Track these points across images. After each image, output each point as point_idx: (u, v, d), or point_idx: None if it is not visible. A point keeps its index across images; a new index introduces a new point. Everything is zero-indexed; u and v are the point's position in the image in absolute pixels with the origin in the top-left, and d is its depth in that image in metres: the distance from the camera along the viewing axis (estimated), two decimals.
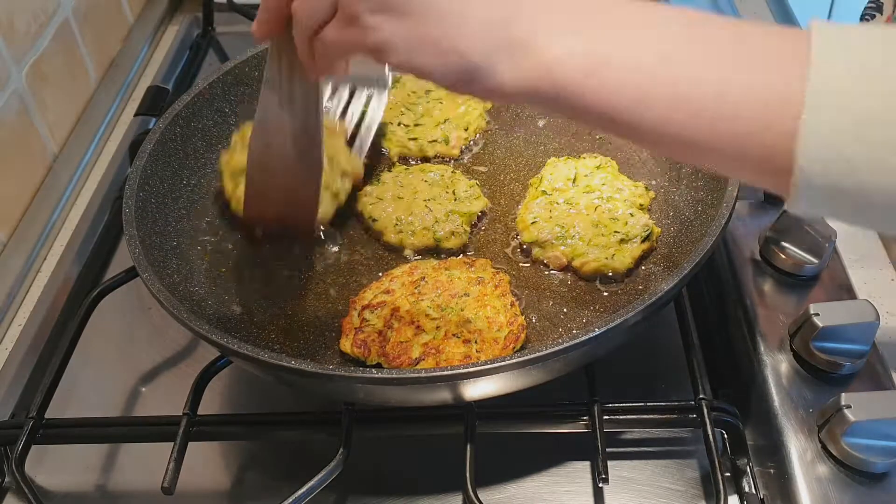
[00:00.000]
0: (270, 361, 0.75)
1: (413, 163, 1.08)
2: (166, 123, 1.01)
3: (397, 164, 1.07)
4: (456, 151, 1.08)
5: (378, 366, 0.84)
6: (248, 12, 1.45)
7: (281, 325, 0.91)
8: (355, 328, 0.86)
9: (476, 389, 0.76)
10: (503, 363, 0.72)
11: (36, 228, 1.16)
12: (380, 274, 0.95)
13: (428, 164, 1.07)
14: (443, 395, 0.77)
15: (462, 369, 0.72)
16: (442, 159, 1.08)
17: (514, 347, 0.83)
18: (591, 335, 0.73)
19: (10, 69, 1.15)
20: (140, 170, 0.95)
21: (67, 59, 1.30)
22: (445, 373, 0.73)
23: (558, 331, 0.88)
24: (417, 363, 0.82)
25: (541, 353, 0.72)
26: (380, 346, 0.84)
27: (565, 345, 0.73)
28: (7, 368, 0.98)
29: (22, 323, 1.05)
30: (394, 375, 0.74)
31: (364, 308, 0.88)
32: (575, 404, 0.84)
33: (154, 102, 1.32)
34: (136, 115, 1.32)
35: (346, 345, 0.86)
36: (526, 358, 0.72)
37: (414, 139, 1.09)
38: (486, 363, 0.72)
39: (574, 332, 0.82)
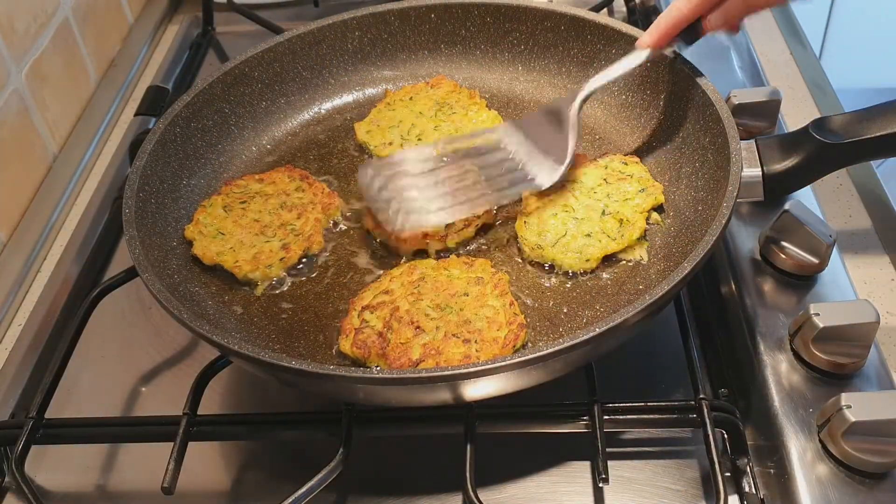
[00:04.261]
0: (270, 361, 0.75)
1: None
2: (166, 124, 1.00)
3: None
4: None
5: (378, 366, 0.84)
6: (248, 12, 1.45)
7: (281, 325, 0.91)
8: (355, 329, 0.86)
9: (476, 390, 0.76)
10: (503, 363, 0.72)
11: (36, 228, 1.16)
12: (380, 273, 0.95)
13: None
14: (443, 396, 0.77)
15: (462, 369, 0.72)
16: None
17: (513, 347, 0.83)
18: (591, 335, 0.73)
19: (10, 69, 1.15)
20: (140, 170, 0.95)
21: (67, 59, 1.30)
22: (445, 373, 0.73)
23: (558, 331, 0.88)
24: (417, 365, 0.82)
25: (541, 353, 0.72)
26: (380, 348, 0.84)
27: (565, 344, 0.73)
28: (7, 368, 0.98)
29: (22, 323, 1.05)
30: (394, 376, 0.74)
31: (364, 309, 0.88)
32: (575, 404, 0.84)
33: (154, 102, 1.32)
34: (135, 114, 1.32)
35: (345, 345, 0.86)
36: (526, 358, 0.72)
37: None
38: (485, 363, 0.72)
39: (574, 332, 0.82)
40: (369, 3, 1.17)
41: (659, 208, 0.98)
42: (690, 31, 0.94)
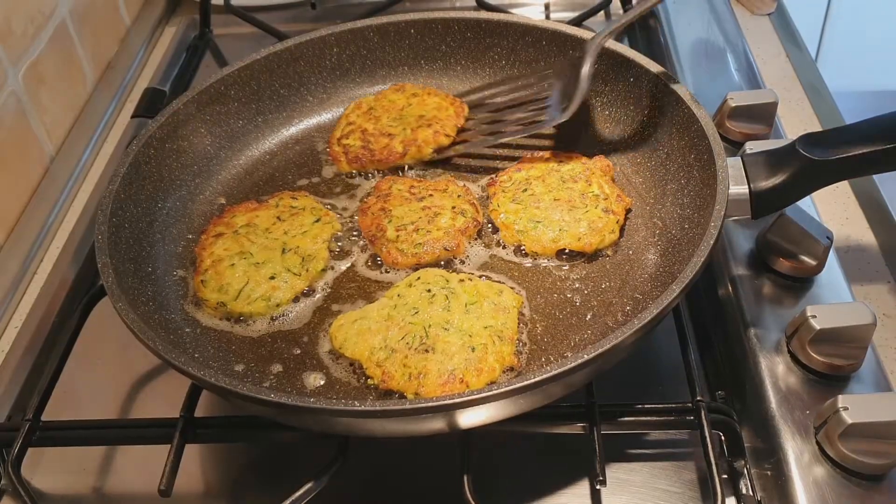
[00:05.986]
0: (249, 395, 0.72)
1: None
2: (140, 146, 0.98)
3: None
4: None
5: (373, 387, 0.83)
6: (245, 14, 1.45)
7: (260, 353, 0.89)
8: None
9: (468, 419, 0.75)
10: (497, 391, 0.70)
11: (33, 230, 1.15)
12: (380, 280, 0.95)
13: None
14: (438, 425, 0.76)
15: (449, 399, 0.70)
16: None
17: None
18: (579, 360, 0.72)
19: (7, 71, 1.15)
20: (113, 195, 0.92)
21: (64, 61, 1.30)
22: (440, 402, 0.71)
23: (559, 330, 0.88)
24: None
25: (531, 381, 0.71)
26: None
27: (553, 372, 0.71)
28: (3, 371, 0.98)
29: (18, 325, 1.05)
30: (386, 408, 0.71)
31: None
32: (573, 405, 0.84)
33: (151, 104, 1.32)
34: (132, 116, 1.32)
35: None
36: (514, 387, 0.70)
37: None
38: (481, 392, 0.70)
39: (560, 360, 0.80)
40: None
41: (644, 225, 0.97)
42: None
